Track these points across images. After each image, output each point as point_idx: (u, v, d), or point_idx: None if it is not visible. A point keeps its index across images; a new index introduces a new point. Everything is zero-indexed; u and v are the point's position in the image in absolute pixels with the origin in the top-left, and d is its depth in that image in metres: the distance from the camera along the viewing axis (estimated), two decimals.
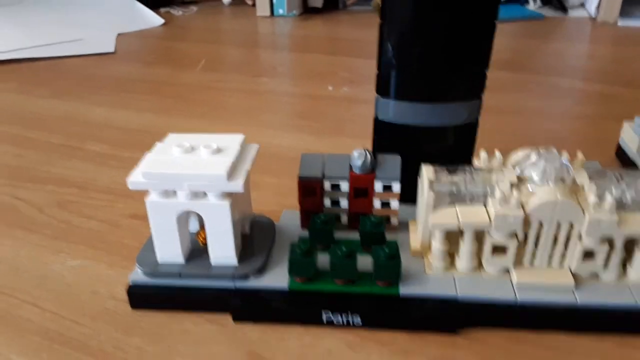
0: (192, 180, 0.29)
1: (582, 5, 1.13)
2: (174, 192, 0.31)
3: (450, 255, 0.33)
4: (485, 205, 0.31)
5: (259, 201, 0.39)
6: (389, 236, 0.35)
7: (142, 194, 0.31)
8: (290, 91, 0.74)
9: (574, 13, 1.12)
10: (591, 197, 0.30)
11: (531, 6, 1.16)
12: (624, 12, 1.04)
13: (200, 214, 0.31)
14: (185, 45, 0.98)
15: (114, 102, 0.69)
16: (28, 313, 0.33)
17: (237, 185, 0.30)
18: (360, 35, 0.96)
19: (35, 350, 0.31)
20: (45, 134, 0.59)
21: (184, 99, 0.70)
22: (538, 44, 0.93)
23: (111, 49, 0.91)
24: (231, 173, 0.30)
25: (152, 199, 0.30)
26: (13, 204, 0.45)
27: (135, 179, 0.30)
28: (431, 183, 0.32)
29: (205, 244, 0.33)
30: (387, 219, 0.36)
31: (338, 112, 0.65)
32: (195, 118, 0.64)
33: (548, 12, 1.14)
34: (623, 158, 0.49)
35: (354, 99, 0.67)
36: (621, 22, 1.03)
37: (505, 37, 0.98)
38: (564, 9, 1.12)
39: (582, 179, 0.31)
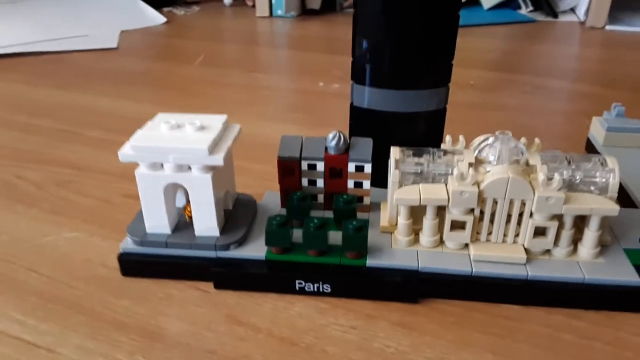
0: (177, 153, 0.32)
1: (572, 10, 1.16)
2: (161, 165, 0.34)
3: (415, 232, 0.36)
4: (445, 184, 0.34)
5: (244, 184, 0.42)
6: (362, 215, 0.38)
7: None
8: (283, 86, 0.77)
9: (564, 18, 1.15)
10: (541, 176, 0.32)
11: (523, 11, 1.19)
12: (612, 18, 1.07)
13: (185, 186, 0.34)
14: (186, 42, 1.01)
15: (115, 93, 0.72)
16: (26, 277, 0.36)
17: (218, 159, 0.32)
18: None
19: (32, 309, 0.33)
20: (49, 121, 0.63)
21: (183, 91, 0.73)
22: (527, 46, 0.96)
23: (114, 45, 0.95)
24: (213, 148, 0.33)
25: (141, 171, 0.33)
26: (15, 183, 0.48)
27: (125, 151, 0.33)
28: (397, 162, 0.35)
29: (190, 218, 0.36)
30: (360, 198, 0.39)
31: (327, 106, 0.68)
32: (191, 109, 0.66)
33: (539, 16, 1.17)
34: (590, 151, 0.51)
35: (343, 94, 0.70)
36: (609, 27, 1.06)
37: (496, 40, 1.00)
38: (554, 13, 1.15)
39: (535, 160, 0.34)
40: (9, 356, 0.30)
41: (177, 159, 0.32)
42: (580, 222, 0.34)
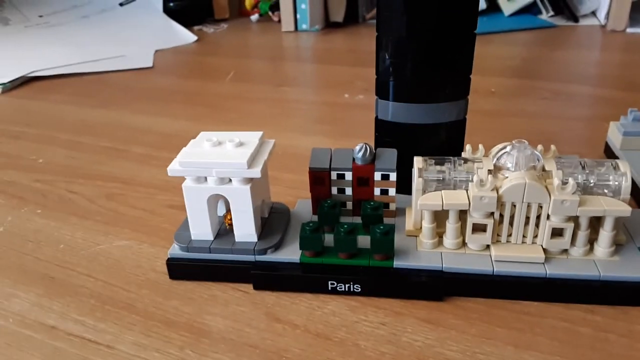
0: (219, 167, 0.36)
1: (593, 13, 1.16)
2: (205, 178, 0.37)
3: (439, 235, 0.38)
4: (466, 190, 0.37)
5: (277, 193, 0.45)
6: (388, 220, 0.41)
7: (178, 189, 0.38)
8: (310, 99, 0.81)
9: (585, 22, 1.16)
10: (555, 181, 0.35)
11: (544, 16, 1.20)
12: (633, 20, 1.07)
13: (226, 196, 0.37)
14: (216, 59, 1.06)
15: (153, 110, 0.77)
16: (83, 282, 0.40)
17: (256, 172, 0.36)
18: None
19: (90, 310, 0.37)
20: (93, 138, 0.67)
21: (215, 107, 0.78)
22: (548, 51, 0.98)
23: (150, 64, 1.00)
24: (251, 162, 0.36)
25: (187, 184, 0.37)
26: (69, 197, 0.53)
27: (174, 167, 0.37)
28: (420, 171, 0.37)
29: (230, 225, 0.39)
30: (386, 205, 0.42)
31: (353, 116, 0.71)
32: (224, 124, 0.71)
33: (560, 21, 1.18)
34: (609, 155, 0.53)
35: (367, 105, 0.73)
36: (630, 30, 1.06)
37: (517, 46, 1.02)
38: (575, 18, 1.16)
39: (551, 166, 0.36)
40: (74, 354, 0.34)
41: (220, 172, 0.36)
42: (596, 222, 0.36)
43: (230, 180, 0.37)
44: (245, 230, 0.38)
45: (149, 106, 0.79)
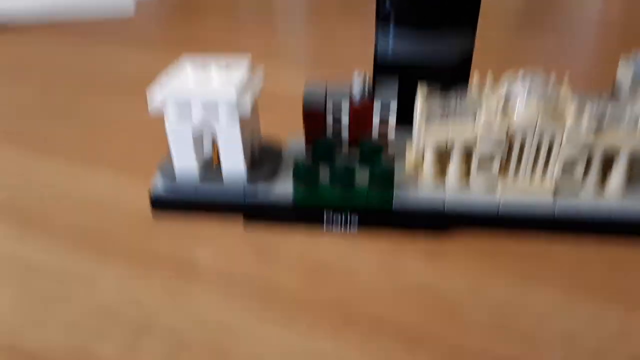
0: (205, 98, 0.32)
1: None
2: (189, 112, 0.34)
3: (442, 171, 0.36)
4: (473, 123, 0.34)
5: (269, 131, 0.42)
6: (387, 156, 0.38)
7: (163, 123, 0.35)
8: (304, 34, 0.77)
9: None
10: (572, 109, 0.32)
11: None
12: None
13: (213, 132, 0.34)
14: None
15: (136, 57, 0.73)
16: (59, 220, 0.37)
17: (246, 107, 0.33)
18: None
19: (68, 249, 0.35)
20: (71, 79, 0.63)
21: (201, 46, 0.73)
22: None
23: (130, 13, 0.94)
24: (240, 95, 0.33)
25: (170, 117, 0.34)
26: (44, 135, 0.49)
27: (154, 98, 0.33)
28: (424, 102, 0.35)
29: (219, 162, 0.36)
30: (386, 141, 0.39)
31: (348, 52, 0.67)
32: None
33: None
34: (618, 94, 0.50)
35: (365, 38, 0.69)
36: None
37: None
38: None
39: (566, 95, 0.34)
40: (53, 288, 0.31)
41: (205, 104, 0.33)
42: (609, 157, 0.34)
43: (217, 111, 0.34)
44: (234, 164, 0.36)
45: (132, 53, 0.75)
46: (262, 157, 0.39)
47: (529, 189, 0.34)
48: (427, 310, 0.29)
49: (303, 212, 0.35)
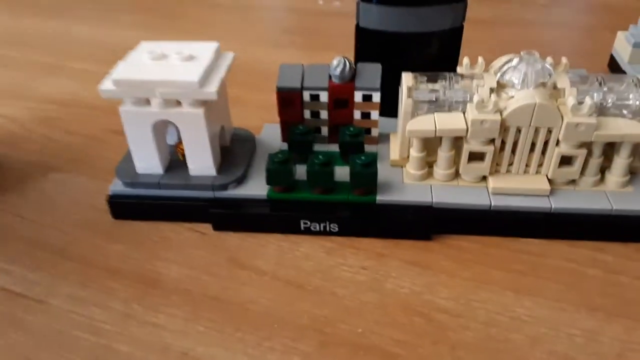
0: (164, 86, 0.29)
1: None
2: (148, 101, 0.30)
3: (429, 164, 0.33)
4: (463, 113, 0.31)
5: (241, 117, 0.38)
6: (370, 148, 0.35)
7: None
8: (281, 5, 0.71)
9: None
10: (570, 101, 0.29)
11: None
12: None
13: (175, 123, 0.31)
14: None
15: (97, 18, 0.67)
16: (10, 221, 0.34)
17: (211, 92, 0.29)
18: None
19: (18, 257, 0.31)
20: (26, 52, 0.58)
21: (168, 14, 0.68)
22: None
23: None
24: (204, 80, 0.29)
25: (126, 108, 0.30)
26: None
27: (107, 86, 0.29)
28: (410, 90, 0.31)
29: (184, 156, 0.33)
30: (367, 130, 0.36)
31: (328, 27, 0.62)
32: (180, 34, 0.62)
33: None
34: (614, 69, 0.47)
35: (346, 14, 0.65)
36: None
37: None
38: None
39: (564, 83, 0.30)
40: None
41: (165, 93, 0.29)
42: (609, 148, 0.31)
43: (180, 102, 0.30)
44: (201, 162, 0.32)
45: (93, 13, 0.69)
46: (233, 150, 0.35)
47: (522, 184, 0.31)
48: (412, 329, 0.27)
49: (278, 216, 0.32)
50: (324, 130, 0.36)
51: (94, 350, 0.26)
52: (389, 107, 0.35)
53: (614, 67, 0.47)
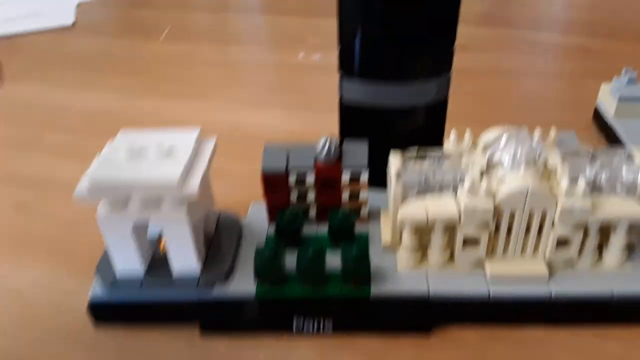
0: (142, 187, 0.27)
1: None
2: (126, 202, 0.29)
3: (423, 247, 0.32)
4: (455, 195, 0.30)
5: (226, 191, 0.37)
6: (360, 227, 0.34)
7: None
8: (261, 60, 0.71)
9: None
10: (563, 182, 0.28)
11: None
12: None
13: (157, 223, 0.29)
14: (150, 12, 0.92)
15: (73, 82, 0.65)
16: None
17: (192, 189, 0.28)
18: None
19: None
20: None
21: (149, 74, 0.67)
22: None
23: (70, 21, 0.86)
24: (184, 178, 0.28)
25: (102, 212, 0.29)
26: None
27: (82, 191, 0.28)
28: (398, 175, 0.30)
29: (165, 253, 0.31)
30: (357, 210, 0.34)
31: (310, 82, 0.62)
32: (161, 97, 0.60)
33: None
34: (600, 122, 0.47)
35: (326, 67, 0.64)
36: None
37: None
38: None
39: (555, 160, 0.30)
40: None
41: (143, 194, 0.27)
42: (605, 227, 0.30)
43: (159, 202, 0.29)
44: (184, 261, 0.30)
45: (69, 76, 0.67)
46: (218, 237, 0.34)
47: (520, 269, 0.30)
48: None
49: (268, 315, 0.30)
50: (313, 211, 0.35)
51: None
52: (377, 177, 0.34)
53: (600, 121, 0.47)
